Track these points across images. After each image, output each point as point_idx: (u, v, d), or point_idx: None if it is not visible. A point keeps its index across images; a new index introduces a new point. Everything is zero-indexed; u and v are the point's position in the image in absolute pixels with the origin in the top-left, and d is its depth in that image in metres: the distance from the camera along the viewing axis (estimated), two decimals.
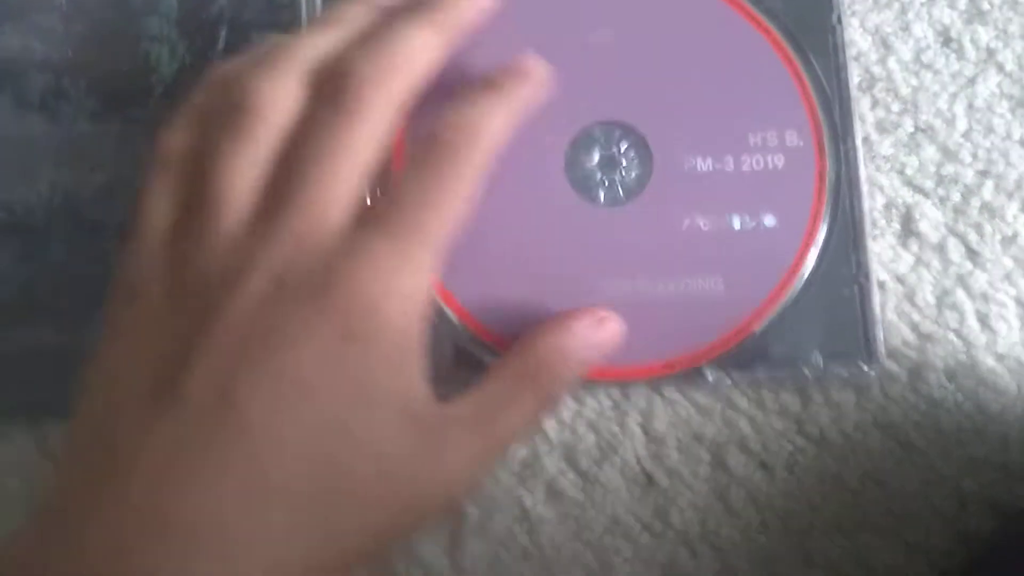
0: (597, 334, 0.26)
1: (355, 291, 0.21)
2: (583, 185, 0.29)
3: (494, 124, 0.24)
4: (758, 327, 0.28)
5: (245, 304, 0.21)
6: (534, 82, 0.26)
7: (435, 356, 0.27)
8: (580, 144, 0.29)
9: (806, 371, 0.28)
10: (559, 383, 0.25)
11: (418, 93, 0.25)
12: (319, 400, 0.21)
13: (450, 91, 0.27)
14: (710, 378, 0.28)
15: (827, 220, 0.28)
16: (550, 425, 0.28)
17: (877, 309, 0.28)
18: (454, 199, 0.23)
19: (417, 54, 0.24)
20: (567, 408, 0.28)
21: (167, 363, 0.21)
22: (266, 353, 0.21)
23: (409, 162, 0.24)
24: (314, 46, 0.24)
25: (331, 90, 0.23)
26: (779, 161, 0.29)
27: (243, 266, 0.21)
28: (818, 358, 0.28)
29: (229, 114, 0.23)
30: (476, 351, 0.28)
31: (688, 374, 0.28)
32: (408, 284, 0.22)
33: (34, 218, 0.29)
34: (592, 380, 0.28)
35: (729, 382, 0.28)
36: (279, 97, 0.23)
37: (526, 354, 0.25)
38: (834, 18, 0.29)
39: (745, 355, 0.28)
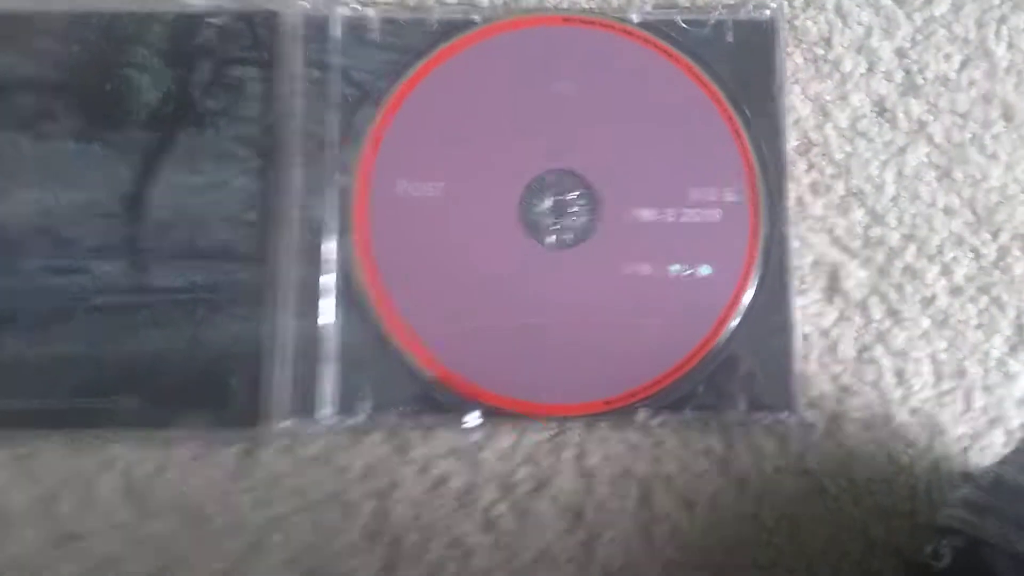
0: None
1: None
2: (534, 227, 0.31)
3: None
4: (688, 372, 0.30)
5: None
6: None
7: (399, 398, 0.29)
8: (534, 189, 0.31)
9: (731, 416, 0.30)
10: None
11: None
12: None
13: (419, 127, 0.30)
14: (642, 418, 0.29)
15: (758, 274, 0.30)
16: (488, 455, 0.30)
17: (799, 361, 0.30)
18: None
19: None
20: (506, 440, 0.30)
21: None
22: None
23: None
24: None
25: None
26: (717, 215, 0.31)
27: None
28: (742, 404, 0.30)
29: None
30: (437, 393, 0.29)
31: (622, 413, 0.30)
32: None
33: (11, 233, 0.30)
34: (531, 415, 0.29)
35: (660, 422, 0.30)
36: None
37: None
38: (775, 86, 0.31)
39: (675, 397, 0.30)
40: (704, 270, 0.30)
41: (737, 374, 0.30)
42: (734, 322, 0.30)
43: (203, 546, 0.29)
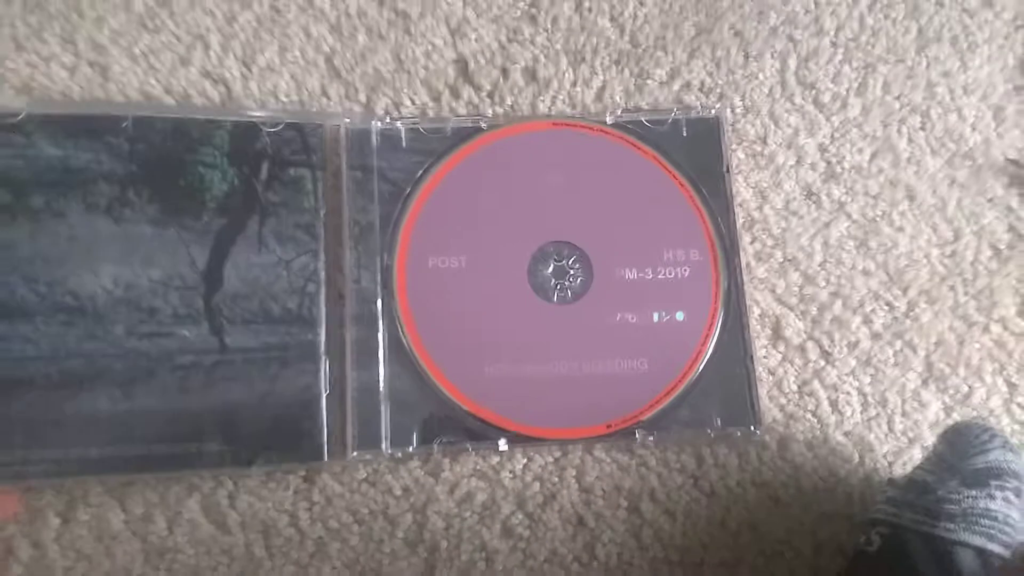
0: None
1: None
2: (540, 288, 0.38)
3: None
4: (672, 399, 0.36)
5: None
6: None
7: (439, 431, 0.35)
8: (539, 257, 0.38)
9: (709, 431, 0.36)
10: None
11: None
12: None
13: (442, 214, 0.37)
14: (637, 438, 0.36)
15: (721, 316, 0.38)
16: (505, 475, 0.36)
17: (760, 385, 0.37)
18: None
19: None
20: (519, 462, 0.36)
21: None
22: None
23: None
24: None
25: None
26: (686, 272, 0.38)
27: None
28: (717, 421, 0.36)
29: None
30: (462, 419, 0.36)
31: (618, 435, 0.36)
32: None
33: (98, 304, 0.35)
34: (540, 438, 0.36)
35: (651, 440, 0.36)
36: None
37: None
38: (723, 168, 0.39)
39: (663, 419, 0.36)
40: (679, 315, 0.38)
41: (712, 397, 0.36)
42: (706, 356, 0.37)
43: (274, 555, 0.34)
